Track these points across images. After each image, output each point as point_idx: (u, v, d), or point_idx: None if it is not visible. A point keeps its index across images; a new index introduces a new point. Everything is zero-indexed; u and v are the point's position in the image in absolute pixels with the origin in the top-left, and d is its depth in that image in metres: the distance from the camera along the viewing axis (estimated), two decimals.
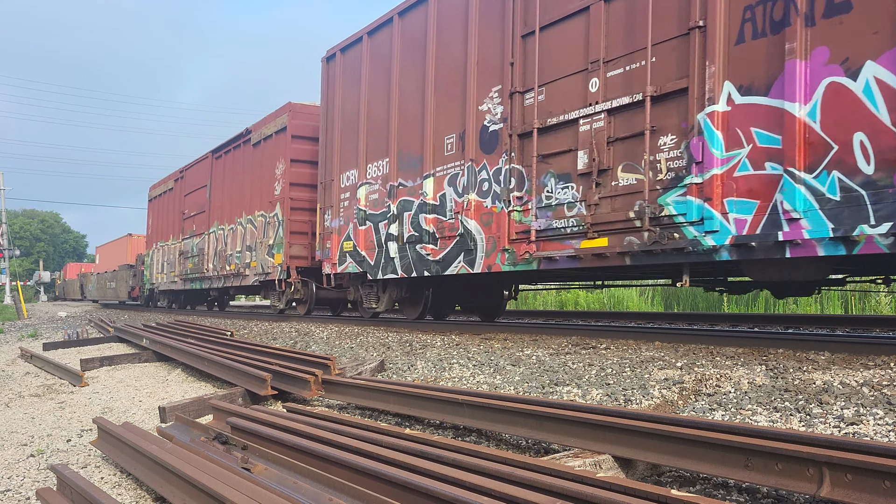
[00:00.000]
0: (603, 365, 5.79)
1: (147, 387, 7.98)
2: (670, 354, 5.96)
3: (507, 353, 6.80)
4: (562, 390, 5.19)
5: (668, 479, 3.50)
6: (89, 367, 9.40)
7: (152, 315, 20.99)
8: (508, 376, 5.87)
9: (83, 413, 6.64)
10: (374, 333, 9.66)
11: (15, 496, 4.10)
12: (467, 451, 3.48)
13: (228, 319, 15.77)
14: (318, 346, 9.34)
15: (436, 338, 8.51)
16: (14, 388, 8.41)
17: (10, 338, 16.70)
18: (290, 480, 3.36)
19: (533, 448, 4.24)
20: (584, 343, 7.10)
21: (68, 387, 8.28)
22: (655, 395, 4.72)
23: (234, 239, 16.25)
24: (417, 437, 3.87)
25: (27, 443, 5.51)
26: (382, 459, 3.38)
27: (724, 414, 4.09)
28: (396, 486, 3.06)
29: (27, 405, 7.21)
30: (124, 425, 4.90)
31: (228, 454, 3.99)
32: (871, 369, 4.74)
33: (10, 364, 11.06)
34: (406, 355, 7.53)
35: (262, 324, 13.45)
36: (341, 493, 3.08)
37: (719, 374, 4.96)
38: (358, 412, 5.76)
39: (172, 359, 9.47)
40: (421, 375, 6.48)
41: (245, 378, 6.62)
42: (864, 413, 3.72)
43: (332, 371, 6.43)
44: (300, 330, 11.33)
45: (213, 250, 17.62)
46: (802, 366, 5.07)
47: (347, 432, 4.03)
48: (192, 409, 5.88)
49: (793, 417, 3.85)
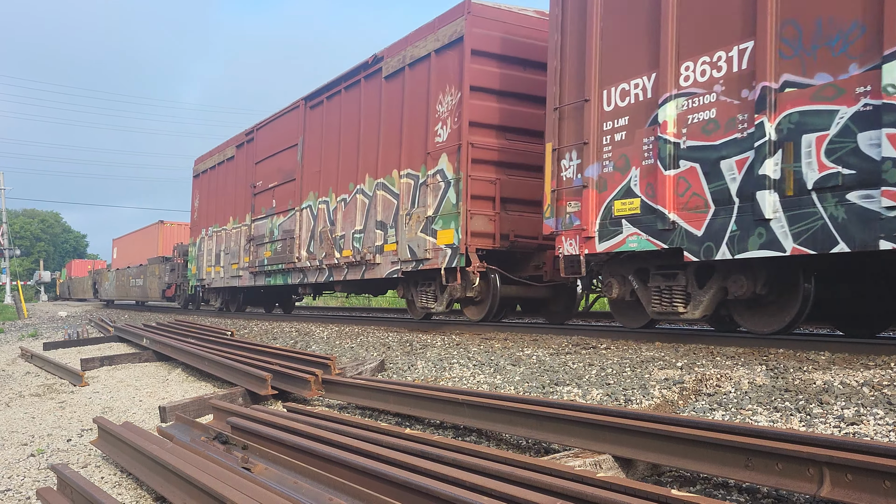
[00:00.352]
0: (603, 365, 5.79)
1: (147, 386, 7.98)
2: (670, 354, 5.96)
3: (507, 353, 6.80)
4: (562, 390, 5.19)
5: (668, 479, 3.50)
6: (89, 366, 9.41)
7: (153, 315, 20.99)
8: (509, 376, 5.87)
9: (83, 413, 6.64)
10: (375, 333, 9.66)
11: (15, 496, 4.10)
12: (468, 450, 3.49)
13: (229, 319, 15.78)
14: (318, 345, 9.35)
15: (436, 338, 8.51)
16: (14, 387, 8.42)
17: (11, 337, 16.71)
18: (290, 480, 3.36)
19: (533, 448, 4.24)
20: (584, 343, 7.09)
21: (68, 386, 8.29)
22: (656, 395, 4.72)
23: (348, 214, 11.89)
24: (418, 437, 3.88)
25: (27, 442, 5.51)
26: (383, 459, 3.38)
27: (725, 414, 4.09)
28: (397, 486, 3.06)
29: (27, 405, 7.21)
30: (124, 425, 4.90)
31: (229, 454, 3.99)
32: (871, 369, 4.74)
33: (11, 364, 11.07)
34: (406, 355, 7.53)
35: (262, 323, 13.45)
36: (342, 493, 3.08)
37: (720, 374, 4.96)
38: (358, 412, 5.76)
39: (173, 358, 9.48)
40: (421, 375, 6.49)
41: (245, 378, 6.63)
42: (865, 413, 3.72)
43: (332, 371, 6.43)
44: (300, 330, 11.34)
45: (310, 231, 13.20)
46: (803, 366, 5.07)
47: (348, 432, 4.04)
48: (192, 409, 5.89)
49: (793, 417, 3.85)
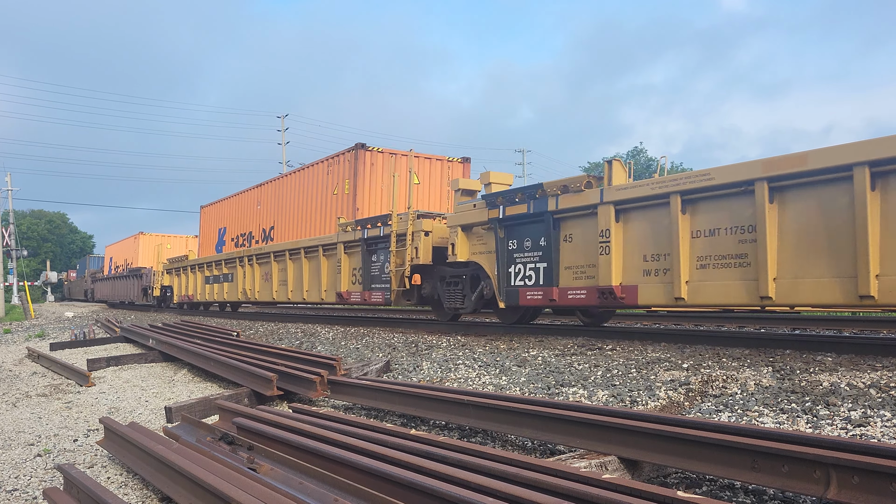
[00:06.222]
0: (609, 366, 5.77)
1: (153, 387, 8.00)
2: (676, 355, 5.95)
3: (512, 354, 6.79)
4: (567, 391, 5.18)
5: (674, 481, 3.49)
6: (96, 367, 9.44)
7: (160, 315, 21.05)
8: (514, 377, 5.86)
9: (90, 413, 6.67)
10: (380, 334, 9.66)
11: (22, 495, 4.12)
12: (473, 451, 3.48)
13: (234, 320, 15.80)
14: (323, 346, 9.35)
15: (441, 338, 8.50)
16: (21, 387, 8.45)
17: (18, 338, 16.77)
18: (295, 480, 3.36)
19: (539, 449, 4.23)
20: (589, 344, 7.08)
21: (75, 387, 8.32)
22: (661, 397, 4.71)
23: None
24: (423, 438, 3.87)
25: (34, 442, 5.53)
26: (388, 460, 3.38)
27: (731, 415, 4.07)
28: (402, 487, 3.06)
29: (34, 405, 7.24)
30: (130, 425, 4.92)
31: (234, 454, 4.00)
32: (878, 371, 4.72)
33: (18, 364, 11.12)
34: (412, 356, 7.53)
35: (267, 324, 13.47)
36: (347, 494, 3.08)
37: (726, 376, 4.94)
38: (364, 413, 5.76)
39: (179, 359, 9.50)
40: (426, 376, 6.48)
41: (251, 378, 6.64)
42: (872, 415, 3.70)
43: (337, 371, 6.44)
44: (306, 330, 11.34)
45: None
46: (809, 367, 5.05)
47: (353, 433, 4.04)
48: (198, 410, 5.90)
49: (800, 419, 3.83)
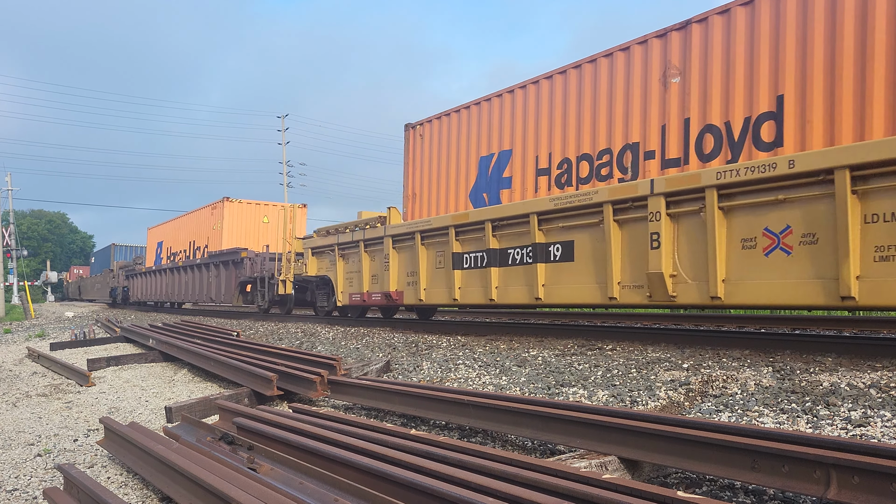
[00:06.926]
0: (609, 366, 5.77)
1: (153, 387, 8.00)
2: (676, 356, 5.95)
3: (512, 354, 6.79)
4: (567, 391, 5.18)
5: (674, 481, 3.49)
6: (96, 367, 9.44)
7: (159, 315, 21.05)
8: (514, 377, 5.86)
9: (90, 413, 6.67)
10: (380, 334, 9.67)
11: (22, 495, 4.12)
12: (473, 451, 3.48)
13: (235, 320, 15.80)
14: (323, 346, 9.35)
15: (441, 338, 8.51)
16: (21, 387, 8.45)
17: (18, 337, 16.77)
18: (296, 480, 3.37)
19: (539, 449, 4.23)
20: (589, 344, 7.08)
21: (75, 386, 8.32)
22: (661, 397, 4.71)
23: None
24: (423, 438, 3.87)
25: (34, 442, 5.53)
26: (388, 460, 3.38)
27: (731, 415, 4.07)
28: (402, 487, 3.06)
29: (34, 405, 7.24)
30: (131, 425, 4.92)
31: (234, 454, 4.00)
32: (878, 371, 4.72)
33: (18, 364, 11.12)
34: (412, 356, 7.53)
35: (267, 324, 13.47)
36: (347, 494, 3.08)
37: (726, 376, 4.94)
38: (364, 412, 5.77)
39: (179, 359, 9.50)
40: (427, 376, 6.48)
41: (251, 378, 6.64)
42: (872, 415, 3.70)
43: (337, 371, 6.44)
44: (306, 330, 11.35)
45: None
46: (809, 367, 5.05)
47: (353, 433, 4.04)
48: (198, 410, 5.90)
49: (800, 419, 3.83)
